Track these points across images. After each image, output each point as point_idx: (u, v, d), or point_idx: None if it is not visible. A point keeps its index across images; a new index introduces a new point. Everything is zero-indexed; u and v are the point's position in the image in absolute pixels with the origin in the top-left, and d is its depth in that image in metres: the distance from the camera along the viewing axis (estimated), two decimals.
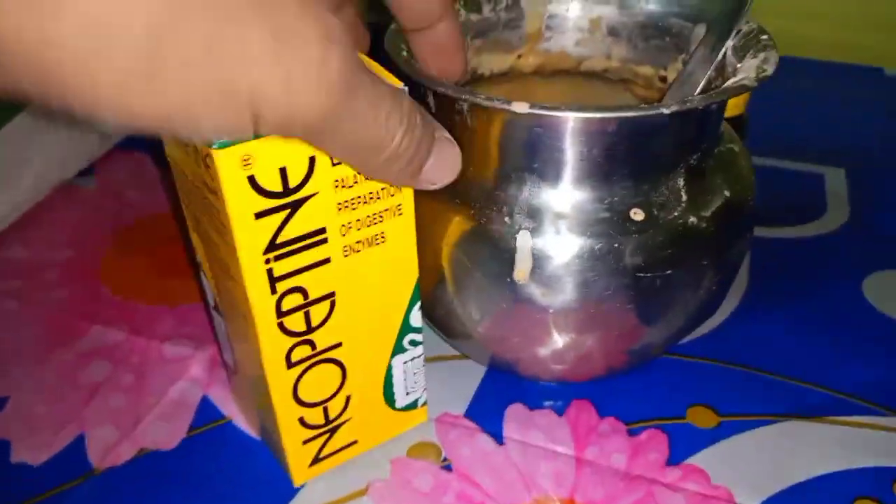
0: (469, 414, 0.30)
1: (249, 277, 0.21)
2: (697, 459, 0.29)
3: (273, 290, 0.22)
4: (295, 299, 0.22)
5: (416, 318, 0.26)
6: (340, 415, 0.27)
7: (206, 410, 0.31)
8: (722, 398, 0.31)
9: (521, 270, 0.25)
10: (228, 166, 0.19)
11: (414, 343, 0.27)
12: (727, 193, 0.26)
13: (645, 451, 0.29)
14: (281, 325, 0.23)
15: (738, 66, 0.27)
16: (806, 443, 0.29)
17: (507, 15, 0.32)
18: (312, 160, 0.20)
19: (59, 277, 0.37)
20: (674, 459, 0.29)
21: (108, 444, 0.29)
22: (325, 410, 0.26)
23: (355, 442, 0.28)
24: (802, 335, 0.34)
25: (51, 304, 0.36)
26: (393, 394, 0.28)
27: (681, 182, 0.25)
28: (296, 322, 0.23)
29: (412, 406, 0.29)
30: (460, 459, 0.28)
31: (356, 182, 0.22)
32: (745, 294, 0.36)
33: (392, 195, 0.23)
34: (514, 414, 0.30)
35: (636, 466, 0.28)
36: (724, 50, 0.28)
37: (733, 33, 0.27)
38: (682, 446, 0.29)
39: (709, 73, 0.27)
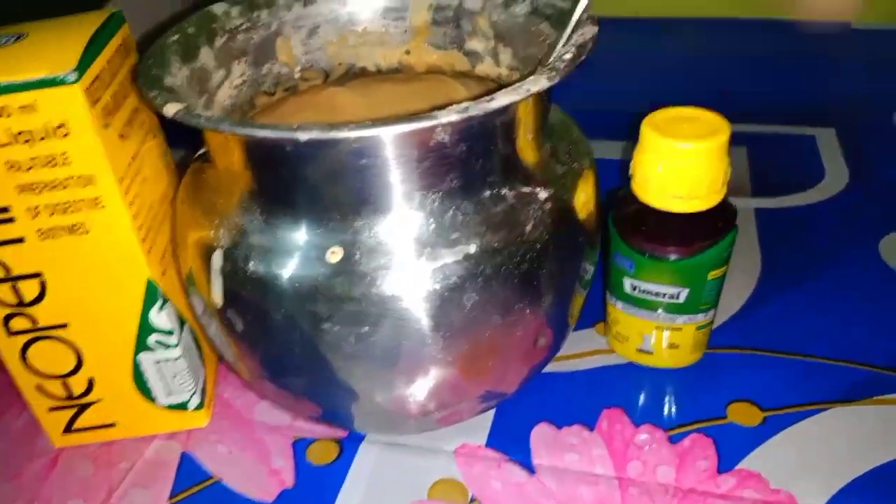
0: (491, 443, 0.27)
1: None
2: (750, 462, 0.26)
3: None
4: None
5: (161, 320, 0.26)
6: (86, 394, 0.27)
7: (189, 471, 0.27)
8: (761, 391, 0.29)
9: (214, 293, 0.23)
10: None
11: (163, 344, 0.27)
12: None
13: (692, 459, 0.26)
14: None
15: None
16: (857, 429, 0.27)
17: (388, 3, 0.29)
18: None
19: None
20: (724, 466, 0.26)
21: None
22: (67, 386, 0.27)
23: (114, 425, 0.29)
24: (827, 310, 0.32)
25: None
26: (149, 389, 0.28)
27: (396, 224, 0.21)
28: (3, 293, 0.25)
29: (181, 406, 0.29)
30: (490, 497, 0.25)
31: (32, 167, 0.22)
32: (760, 273, 0.34)
33: (84, 186, 0.23)
34: (541, 436, 0.27)
35: (686, 479, 0.26)
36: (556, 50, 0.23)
37: (566, 32, 0.23)
38: (731, 450, 0.27)
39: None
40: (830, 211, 0.38)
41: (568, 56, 0.21)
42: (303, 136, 0.19)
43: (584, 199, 0.25)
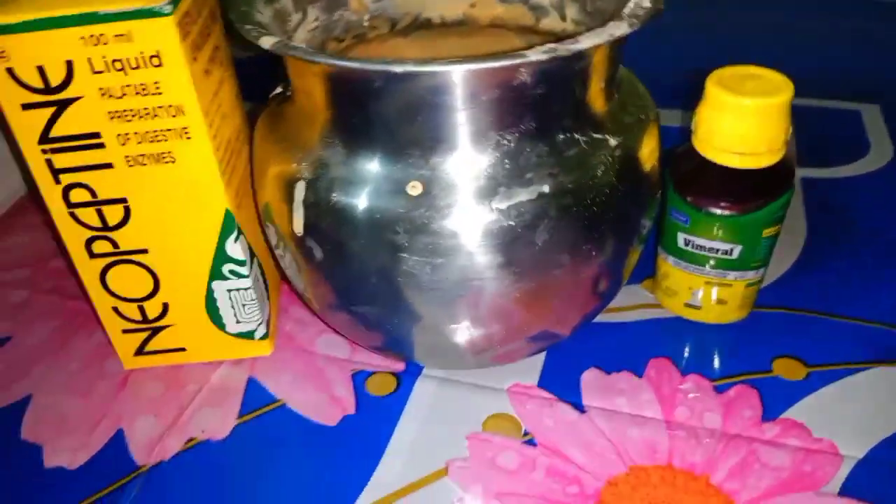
0: (542, 384, 0.28)
1: (33, 164, 0.25)
2: (793, 413, 0.27)
3: (57, 180, 0.25)
4: (82, 194, 0.25)
5: (235, 250, 0.27)
6: (160, 318, 0.29)
7: (255, 395, 0.29)
8: (805, 348, 0.30)
9: (296, 223, 0.24)
10: None
11: (236, 274, 0.28)
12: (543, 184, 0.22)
13: (738, 408, 0.27)
14: (73, 216, 0.26)
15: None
16: None
17: None
18: (70, 63, 0.23)
19: (67, 264, 0.33)
20: (769, 415, 0.27)
21: (152, 438, 0.27)
22: (142, 310, 0.29)
23: (184, 350, 0.30)
24: (870, 277, 0.33)
25: (62, 292, 0.34)
26: (220, 317, 0.29)
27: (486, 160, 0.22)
28: (88, 216, 0.26)
29: (248, 335, 0.30)
30: (543, 432, 0.27)
31: (124, 95, 0.23)
32: (806, 238, 0.35)
33: (174, 116, 0.24)
34: (591, 380, 0.29)
35: (732, 425, 0.27)
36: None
37: None
38: (775, 401, 0.28)
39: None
40: (874, 184, 0.38)
41: (647, 4, 0.22)
42: (398, 69, 0.19)
43: (648, 150, 0.25)
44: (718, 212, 0.28)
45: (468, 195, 0.22)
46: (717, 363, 0.29)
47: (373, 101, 0.22)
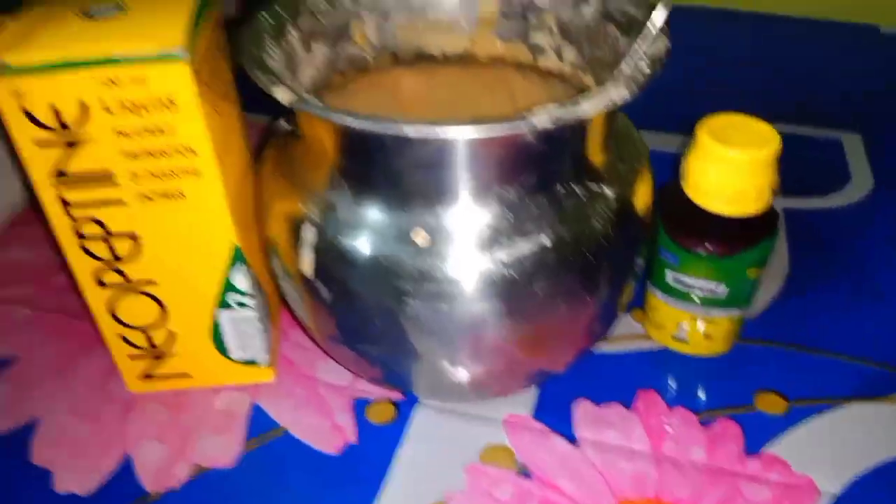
0: (537, 415, 0.30)
1: (44, 198, 0.25)
2: (774, 448, 0.28)
3: (68, 214, 0.25)
4: (93, 228, 0.26)
5: (241, 281, 0.28)
6: (166, 345, 0.30)
7: (259, 421, 0.30)
8: (787, 382, 0.31)
9: (304, 264, 0.25)
10: (2, 95, 0.23)
11: (242, 304, 0.29)
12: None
13: (722, 442, 0.29)
14: (84, 248, 0.26)
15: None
16: (875, 424, 0.29)
17: None
18: (84, 104, 0.23)
19: (69, 280, 0.32)
20: (751, 449, 0.28)
21: (160, 465, 0.28)
22: (149, 337, 0.29)
23: (189, 375, 0.31)
24: (852, 310, 0.34)
25: (67, 311, 0.34)
26: (225, 345, 0.30)
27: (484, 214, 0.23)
28: (99, 249, 0.26)
29: (251, 362, 0.31)
30: (538, 465, 0.28)
31: (137, 135, 0.24)
32: (788, 270, 0.36)
33: (185, 155, 0.25)
34: (583, 411, 0.30)
35: (716, 460, 0.28)
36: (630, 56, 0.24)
37: (641, 40, 0.24)
38: (756, 435, 0.29)
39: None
40: (855, 215, 0.40)
41: (647, 70, 0.23)
42: (411, 133, 0.20)
43: (642, 197, 0.27)
44: (705, 253, 0.29)
45: (471, 245, 0.23)
46: (702, 396, 0.31)
47: (382, 154, 0.23)
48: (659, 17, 0.24)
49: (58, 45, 0.23)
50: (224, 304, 0.29)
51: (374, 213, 0.24)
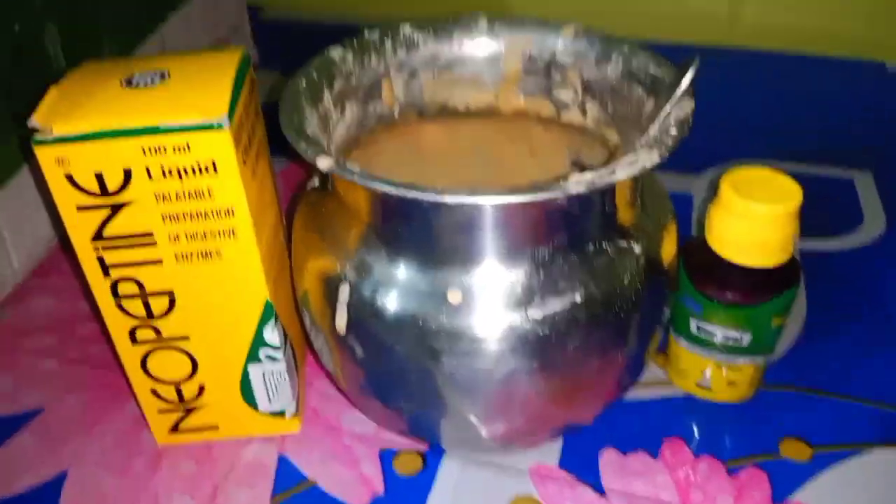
0: (563, 465, 0.30)
1: (84, 260, 0.26)
2: (800, 495, 0.29)
3: (106, 274, 0.26)
4: (130, 287, 0.26)
5: (272, 336, 0.29)
6: (196, 399, 0.30)
7: (287, 473, 0.30)
8: (810, 428, 0.31)
9: (339, 322, 0.25)
10: (47, 162, 0.23)
11: (271, 358, 0.29)
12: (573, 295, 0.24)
13: (749, 491, 0.29)
14: (120, 307, 0.27)
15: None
16: None
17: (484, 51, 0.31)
18: (128, 171, 0.24)
19: (93, 331, 0.36)
20: (777, 497, 0.28)
21: None
22: (179, 391, 0.30)
23: (216, 427, 0.31)
24: (872, 353, 0.34)
25: (92, 362, 0.35)
26: (254, 397, 0.30)
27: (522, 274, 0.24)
28: (135, 307, 0.27)
29: (279, 414, 0.31)
30: None
31: (179, 199, 0.25)
32: (807, 313, 0.36)
33: (224, 217, 0.25)
34: (609, 461, 0.30)
35: None
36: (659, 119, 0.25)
37: (669, 104, 0.25)
38: (783, 483, 0.29)
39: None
40: (870, 255, 0.40)
41: (674, 132, 0.24)
42: (449, 200, 0.21)
43: (668, 250, 0.27)
44: (730, 303, 0.29)
45: (505, 304, 0.24)
46: (727, 444, 0.31)
47: (418, 217, 0.23)
48: (686, 80, 0.25)
49: (103, 115, 0.24)
50: (254, 358, 0.29)
51: (408, 273, 0.24)
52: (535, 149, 0.34)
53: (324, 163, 0.23)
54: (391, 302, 0.24)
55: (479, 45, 0.32)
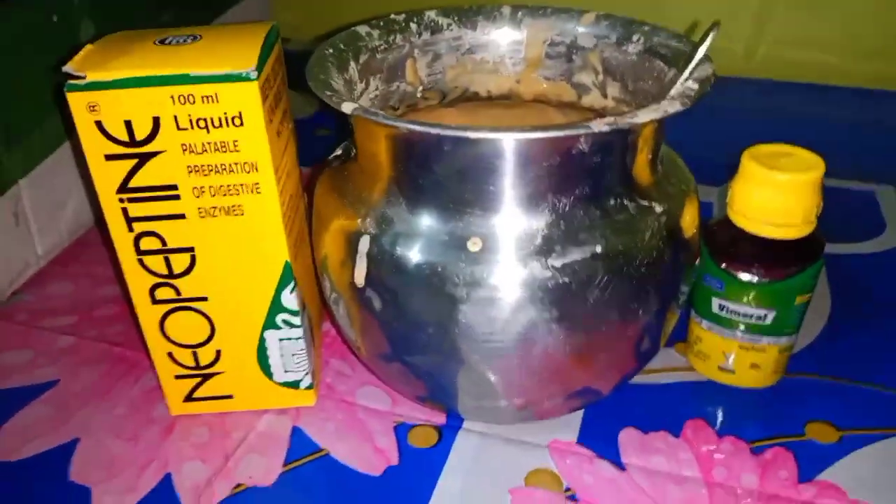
0: (582, 440, 0.29)
1: (108, 212, 0.26)
2: (828, 475, 0.28)
3: (130, 228, 0.26)
4: (152, 242, 0.27)
5: (290, 301, 0.28)
6: (212, 365, 0.30)
7: (300, 443, 0.30)
8: (837, 413, 0.31)
9: (358, 274, 0.26)
10: (78, 108, 0.24)
11: (289, 324, 0.29)
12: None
13: (774, 469, 0.28)
14: (141, 262, 0.27)
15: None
16: None
17: (507, 36, 0.32)
18: (157, 120, 0.24)
19: (110, 313, 0.37)
20: (804, 476, 0.28)
21: (199, 483, 0.28)
22: (196, 356, 0.30)
23: (231, 397, 0.31)
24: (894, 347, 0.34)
25: (108, 340, 0.35)
26: (270, 366, 0.30)
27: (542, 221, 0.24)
28: (156, 264, 0.27)
29: (294, 385, 0.31)
30: (584, 488, 0.27)
31: (205, 151, 0.25)
32: (830, 309, 0.36)
33: (248, 172, 0.26)
34: (629, 439, 0.29)
35: (769, 486, 0.27)
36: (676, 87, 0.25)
37: (686, 72, 0.25)
38: (810, 463, 0.28)
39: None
40: (892, 261, 0.40)
41: (695, 87, 0.24)
42: (473, 135, 0.21)
43: (689, 219, 0.27)
44: (753, 279, 0.29)
45: (525, 252, 0.24)
46: (751, 426, 0.30)
47: (439, 163, 0.24)
48: (706, 44, 0.25)
49: (136, 62, 0.25)
50: (272, 324, 0.29)
51: (429, 223, 0.24)
52: None
53: (348, 107, 0.23)
54: (411, 252, 0.24)
55: (502, 33, 0.33)
